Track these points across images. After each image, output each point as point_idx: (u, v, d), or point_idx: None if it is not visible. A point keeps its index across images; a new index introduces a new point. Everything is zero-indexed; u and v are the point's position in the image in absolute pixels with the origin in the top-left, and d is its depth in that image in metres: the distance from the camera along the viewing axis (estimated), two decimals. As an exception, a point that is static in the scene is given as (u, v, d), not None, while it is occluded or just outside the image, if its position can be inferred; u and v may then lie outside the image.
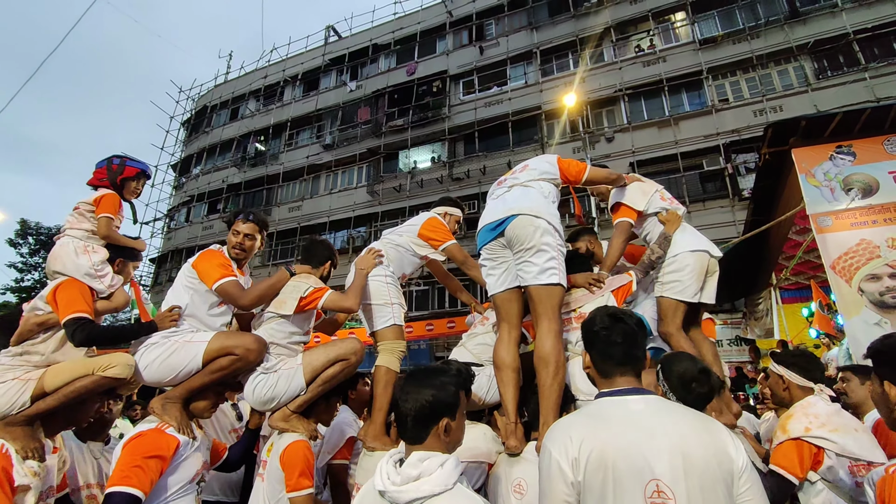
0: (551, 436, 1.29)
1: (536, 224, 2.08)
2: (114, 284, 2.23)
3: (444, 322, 12.82)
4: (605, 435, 1.20)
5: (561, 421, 1.38)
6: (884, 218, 4.13)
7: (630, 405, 1.26)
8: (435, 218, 2.84)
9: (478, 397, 2.38)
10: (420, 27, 18.67)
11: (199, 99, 23.72)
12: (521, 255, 2.11)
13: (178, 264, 19.54)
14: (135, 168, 2.52)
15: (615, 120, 14.74)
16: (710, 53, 13.81)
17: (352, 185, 18.02)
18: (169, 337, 2.00)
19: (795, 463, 1.81)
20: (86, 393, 1.85)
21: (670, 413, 1.25)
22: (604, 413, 1.28)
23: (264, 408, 2.08)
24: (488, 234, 2.23)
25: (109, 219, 2.33)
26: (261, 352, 2.03)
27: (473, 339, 2.62)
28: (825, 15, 12.85)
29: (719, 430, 1.22)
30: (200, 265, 2.14)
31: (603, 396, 1.34)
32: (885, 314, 3.89)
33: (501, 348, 2.14)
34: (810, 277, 7.36)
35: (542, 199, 2.23)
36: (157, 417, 1.84)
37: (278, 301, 2.16)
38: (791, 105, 12.40)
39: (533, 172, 2.39)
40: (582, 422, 1.30)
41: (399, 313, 2.52)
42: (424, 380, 1.28)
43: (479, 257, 2.33)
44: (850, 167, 4.33)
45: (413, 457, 1.18)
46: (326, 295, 2.18)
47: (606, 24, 15.35)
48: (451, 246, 2.71)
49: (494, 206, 2.28)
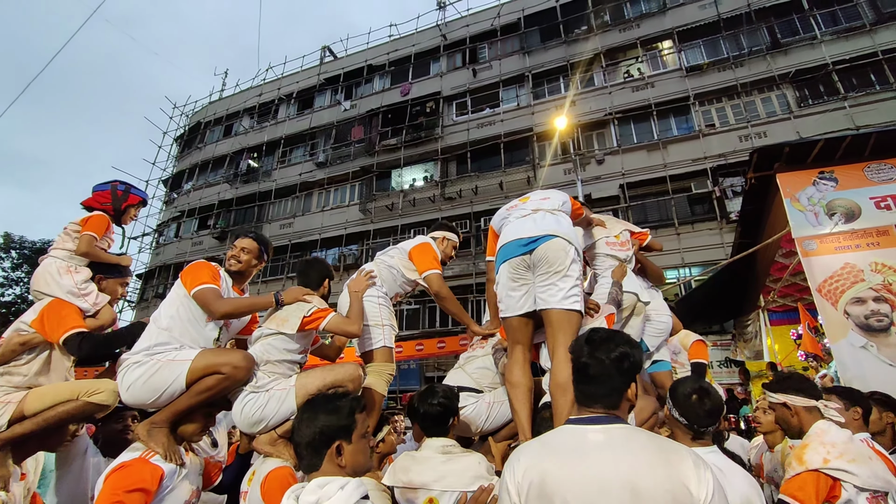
0: (510, 457, 1.27)
1: (568, 250, 2.10)
2: (98, 302, 2.19)
3: (434, 342, 12.70)
4: (549, 464, 1.15)
5: (523, 444, 1.35)
6: (866, 242, 4.21)
7: (588, 435, 1.20)
8: (427, 243, 2.83)
9: (475, 425, 2.34)
10: (415, 49, 19.04)
11: (193, 115, 23.81)
12: (546, 277, 2.08)
13: (165, 280, 19.26)
14: (138, 196, 2.57)
15: (605, 143, 15.02)
16: (696, 80, 14.22)
17: (344, 202, 18.05)
18: (152, 355, 1.88)
19: (812, 496, 1.71)
20: (68, 418, 1.78)
21: (628, 445, 1.16)
22: (557, 441, 1.23)
23: (252, 430, 1.96)
24: (518, 248, 2.15)
25: (92, 237, 2.32)
26: (249, 369, 1.93)
27: (473, 363, 2.57)
28: (805, 46, 13.35)
29: (681, 463, 1.11)
30: (187, 275, 2.06)
31: (567, 423, 1.29)
32: (870, 337, 3.94)
33: (517, 368, 2.12)
34: (797, 300, 7.45)
35: (570, 228, 2.25)
36: (143, 444, 1.74)
37: (280, 319, 2.07)
38: (775, 131, 12.75)
39: (555, 202, 2.41)
40: (533, 448, 1.25)
41: (390, 335, 2.50)
42: (318, 406, 1.29)
43: (498, 272, 2.25)
44: (832, 192, 4.43)
45: (311, 484, 1.15)
46: (330, 317, 2.11)
47: (596, 51, 15.78)
48: (433, 275, 2.70)
49: (523, 225, 2.23)
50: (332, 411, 1.27)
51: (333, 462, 1.23)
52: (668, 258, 12.43)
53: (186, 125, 23.63)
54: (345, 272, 15.49)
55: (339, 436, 1.25)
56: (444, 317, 14.08)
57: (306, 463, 1.25)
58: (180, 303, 2.01)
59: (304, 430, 1.25)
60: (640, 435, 1.22)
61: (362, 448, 1.30)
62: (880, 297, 4.00)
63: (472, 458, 1.80)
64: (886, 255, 4.12)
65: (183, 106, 23.86)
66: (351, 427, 1.27)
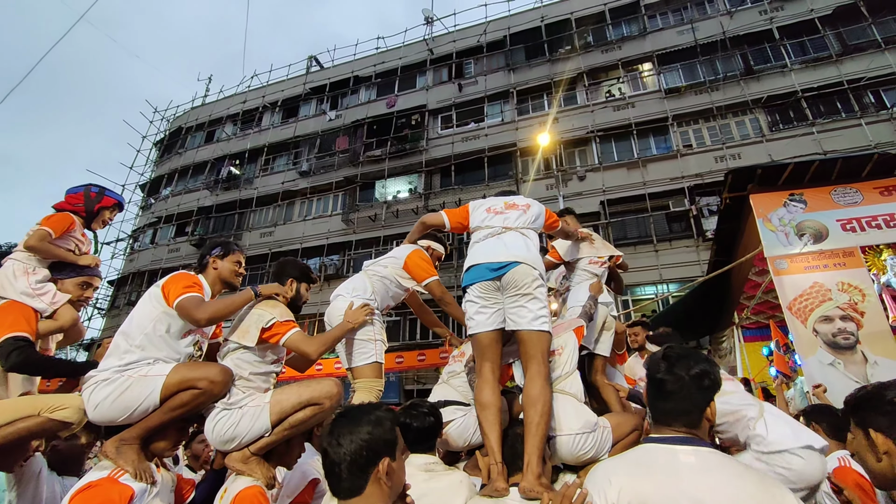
0: (592, 477, 1.23)
1: (534, 274, 2.17)
2: (56, 301, 2.09)
3: (414, 354, 12.61)
4: (646, 486, 1.11)
5: (605, 463, 1.32)
6: (834, 263, 4.38)
7: (680, 456, 1.15)
8: (420, 251, 2.84)
9: (463, 438, 2.31)
10: (401, 62, 19.20)
11: (174, 120, 23.42)
12: (515, 299, 2.15)
13: (138, 287, 18.70)
14: (112, 199, 2.47)
15: (587, 160, 15.32)
16: (674, 102, 14.69)
17: (326, 212, 17.90)
18: (122, 371, 1.77)
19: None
20: (28, 436, 1.67)
21: (724, 470, 1.11)
22: (649, 461, 1.18)
23: (224, 447, 1.88)
24: (487, 272, 2.21)
25: (46, 233, 2.23)
26: (227, 384, 1.85)
27: (457, 377, 2.56)
28: (776, 74, 13.96)
29: (783, 496, 1.07)
30: (168, 285, 1.96)
31: (651, 442, 1.24)
32: (838, 355, 4.07)
33: (486, 388, 2.10)
34: (769, 317, 7.65)
35: (537, 252, 2.33)
36: (111, 462, 1.64)
37: (241, 330, 2.00)
38: (748, 153, 13.22)
39: (528, 218, 2.47)
40: (624, 467, 1.21)
41: (381, 351, 2.47)
42: (357, 417, 1.13)
43: (465, 292, 2.29)
44: (801, 214, 4.61)
45: None
46: (291, 333, 2.01)
47: (579, 70, 16.19)
48: (433, 282, 2.72)
49: (494, 248, 2.29)
50: (376, 423, 1.12)
51: (379, 483, 1.07)
52: (647, 274, 12.66)
53: (167, 130, 23.21)
54: (325, 282, 15.30)
55: (386, 452, 1.10)
56: (425, 329, 13.99)
57: (347, 486, 1.07)
58: (158, 318, 1.91)
59: (344, 447, 1.07)
60: (734, 462, 1.17)
61: (403, 466, 1.18)
62: (847, 316, 4.15)
63: (454, 476, 1.78)
64: (852, 276, 4.29)
65: (164, 110, 23.47)
66: (395, 442, 1.14)
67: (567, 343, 2.41)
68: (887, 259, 5.28)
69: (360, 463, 1.07)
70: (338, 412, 1.23)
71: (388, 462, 1.10)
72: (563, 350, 2.34)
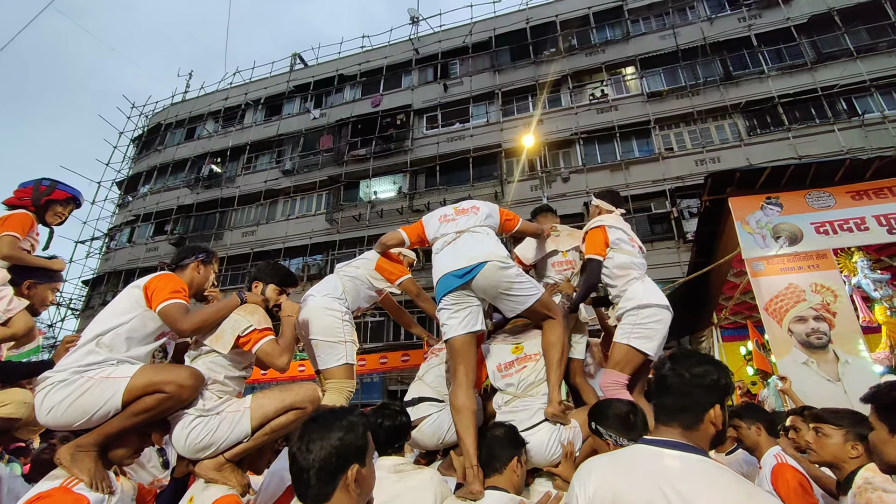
0: (579, 471, 1.25)
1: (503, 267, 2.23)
2: (11, 309, 1.99)
3: (398, 355, 12.55)
4: (622, 483, 1.11)
5: (594, 458, 1.34)
6: (808, 265, 4.49)
7: (665, 459, 1.14)
8: (391, 253, 2.83)
9: (438, 435, 2.30)
10: (387, 61, 19.10)
11: (153, 116, 22.88)
12: (498, 295, 2.26)
13: (114, 287, 18.20)
14: (65, 192, 2.35)
15: (571, 161, 15.46)
16: (656, 106, 14.92)
17: (310, 212, 17.70)
18: (83, 372, 1.65)
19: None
20: None
21: (708, 478, 1.08)
22: (633, 460, 1.19)
23: (197, 456, 1.78)
24: (453, 280, 2.22)
25: (13, 237, 2.12)
26: (196, 388, 1.75)
27: (431, 373, 2.56)
28: (754, 80, 14.28)
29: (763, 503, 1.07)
30: (152, 286, 1.87)
31: (642, 443, 1.25)
32: (811, 354, 4.17)
33: (461, 392, 2.09)
34: (747, 317, 7.82)
35: (495, 241, 2.37)
36: (66, 471, 1.54)
37: (215, 336, 1.93)
38: (727, 157, 13.50)
39: (479, 218, 2.47)
40: (606, 463, 1.24)
41: (352, 352, 2.44)
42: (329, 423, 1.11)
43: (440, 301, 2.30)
44: (778, 217, 4.71)
45: None
46: (264, 341, 1.94)
47: (563, 72, 16.32)
48: (407, 280, 2.73)
49: (453, 254, 2.31)
50: (348, 429, 1.10)
51: (348, 490, 1.06)
52: (629, 275, 12.81)
53: (146, 126, 22.65)
54: (308, 282, 15.13)
55: (356, 458, 1.08)
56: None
57: (315, 493, 1.05)
58: (133, 318, 1.82)
59: (313, 453, 1.05)
60: (724, 473, 1.13)
61: (372, 472, 1.16)
62: (820, 317, 4.26)
63: (424, 474, 1.76)
64: (825, 277, 4.40)
65: (142, 106, 22.91)
66: (366, 447, 1.13)
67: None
68: (858, 261, 5.45)
69: (330, 469, 1.05)
70: (310, 416, 1.20)
71: (357, 469, 1.08)
72: (539, 356, 2.33)
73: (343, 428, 1.10)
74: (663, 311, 2.47)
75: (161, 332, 1.91)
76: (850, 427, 1.74)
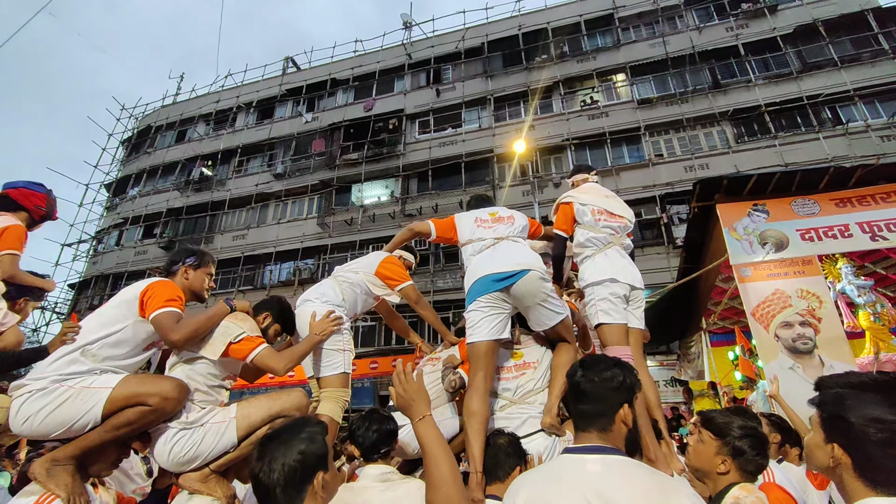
0: (510, 488, 1.28)
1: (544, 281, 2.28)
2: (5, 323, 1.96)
3: (389, 360, 12.51)
4: (551, 493, 1.16)
5: (523, 475, 1.37)
6: (794, 271, 4.55)
7: (587, 465, 1.20)
8: (392, 257, 2.82)
9: (414, 446, 2.28)
10: (379, 66, 19.12)
11: (143, 118, 22.67)
12: (534, 306, 2.28)
13: (102, 291, 17.95)
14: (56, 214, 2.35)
15: (562, 167, 15.56)
16: (646, 112, 15.09)
17: (301, 215, 17.61)
18: (63, 381, 1.60)
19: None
20: None
21: (625, 476, 1.16)
22: (559, 471, 1.25)
23: (181, 469, 1.73)
24: (492, 284, 2.22)
25: (15, 256, 2.08)
26: (181, 401, 1.70)
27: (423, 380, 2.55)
28: (742, 88, 14.52)
29: (678, 495, 1.12)
30: (149, 294, 1.81)
31: (566, 452, 1.30)
32: (797, 359, 4.22)
33: (476, 397, 2.08)
34: (735, 323, 7.90)
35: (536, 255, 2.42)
36: (41, 486, 1.49)
37: (205, 341, 1.89)
38: (716, 163, 13.68)
39: (516, 228, 2.55)
40: (534, 478, 1.27)
41: (349, 360, 2.40)
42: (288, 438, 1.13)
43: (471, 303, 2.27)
44: (764, 224, 4.77)
45: None
46: (259, 349, 1.91)
47: (555, 79, 16.46)
48: (408, 287, 2.71)
49: (493, 259, 2.33)
50: (309, 440, 1.12)
51: (315, 497, 1.08)
52: (619, 280, 12.89)
53: (135, 128, 22.43)
54: (299, 286, 15.02)
55: (320, 466, 1.11)
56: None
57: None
58: (125, 326, 1.78)
59: (276, 471, 1.05)
60: (640, 469, 1.22)
61: (335, 473, 1.19)
62: (805, 322, 4.31)
63: (411, 485, 1.74)
64: (810, 283, 4.46)
65: (132, 108, 22.72)
66: (327, 453, 1.15)
67: (543, 359, 2.39)
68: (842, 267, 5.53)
69: (295, 483, 1.08)
70: (265, 434, 1.21)
71: (322, 475, 1.11)
72: (537, 364, 2.33)
73: (304, 440, 1.12)
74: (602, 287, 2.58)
75: (152, 341, 1.87)
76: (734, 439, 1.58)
